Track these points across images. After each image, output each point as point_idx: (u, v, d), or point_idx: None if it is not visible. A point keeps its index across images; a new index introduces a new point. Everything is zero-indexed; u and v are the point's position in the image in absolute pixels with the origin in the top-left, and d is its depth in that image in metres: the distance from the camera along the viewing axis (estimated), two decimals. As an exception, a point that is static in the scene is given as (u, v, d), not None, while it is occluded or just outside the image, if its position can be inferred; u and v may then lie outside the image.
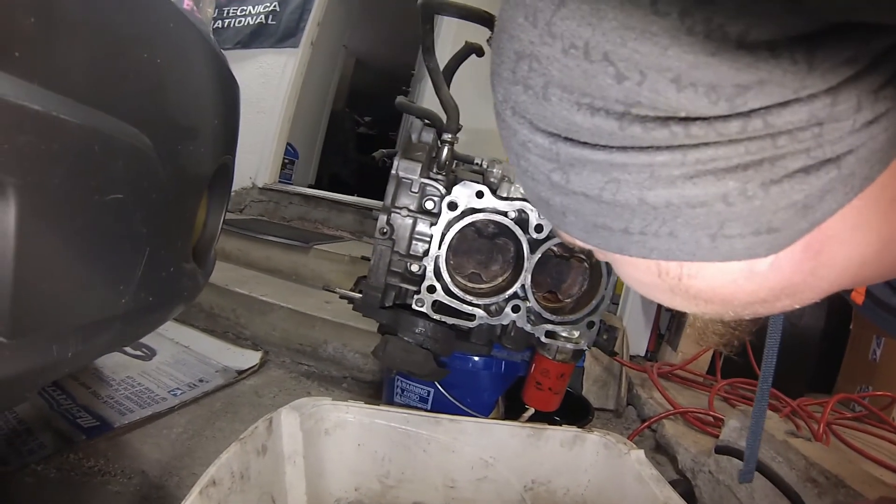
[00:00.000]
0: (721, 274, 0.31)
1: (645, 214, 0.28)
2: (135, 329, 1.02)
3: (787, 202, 0.26)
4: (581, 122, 0.26)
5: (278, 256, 3.02)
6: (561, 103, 0.27)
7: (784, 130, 0.24)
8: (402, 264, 1.03)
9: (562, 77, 0.26)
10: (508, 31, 0.29)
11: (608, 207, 0.29)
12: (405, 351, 1.03)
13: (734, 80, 0.23)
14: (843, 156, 0.25)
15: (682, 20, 0.22)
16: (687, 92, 0.23)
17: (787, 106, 0.23)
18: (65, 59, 0.66)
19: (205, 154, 1.08)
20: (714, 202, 0.26)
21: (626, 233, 0.29)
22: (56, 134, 0.63)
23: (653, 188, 0.26)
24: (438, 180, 1.01)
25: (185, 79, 1.00)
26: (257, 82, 4.16)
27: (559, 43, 0.26)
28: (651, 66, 0.23)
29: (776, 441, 1.50)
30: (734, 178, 0.25)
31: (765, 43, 0.22)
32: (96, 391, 1.75)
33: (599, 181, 0.28)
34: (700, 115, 0.24)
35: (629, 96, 0.25)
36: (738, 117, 0.24)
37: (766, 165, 0.25)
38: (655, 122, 0.25)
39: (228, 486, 0.88)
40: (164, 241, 0.96)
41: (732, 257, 0.29)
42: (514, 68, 0.29)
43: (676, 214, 0.27)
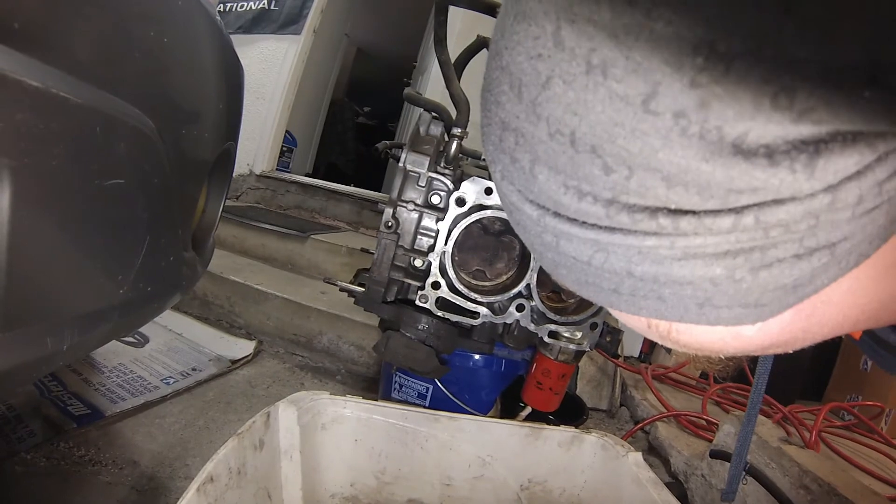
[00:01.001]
0: (709, 333, 0.31)
1: (633, 281, 0.27)
2: (132, 319, 1.00)
3: (776, 284, 0.25)
4: (568, 203, 0.26)
5: (274, 245, 3.01)
6: (548, 182, 0.26)
7: (777, 225, 0.23)
8: (405, 259, 1.01)
9: (548, 158, 0.25)
10: (494, 94, 0.28)
11: (597, 272, 0.28)
12: (407, 347, 1.01)
13: (728, 186, 0.22)
14: (838, 242, 0.24)
15: (675, 121, 0.21)
16: (677, 189, 0.22)
17: (782, 205, 0.22)
18: (68, 33, 0.63)
19: (208, 139, 1.06)
20: (701, 282, 0.26)
21: (615, 292, 0.29)
22: (56, 113, 0.60)
23: (641, 264, 0.26)
24: (446, 175, 0.99)
25: (192, 60, 0.98)
26: (258, 68, 4.12)
27: (545, 125, 0.25)
28: (641, 164, 0.22)
29: (770, 447, 1.51)
30: (722, 265, 0.25)
31: (763, 148, 0.20)
32: (88, 378, 1.73)
33: (588, 251, 0.27)
34: (690, 209, 0.23)
35: (616, 187, 0.24)
36: (729, 213, 0.23)
37: (757, 254, 0.24)
38: (643, 213, 0.24)
39: (226, 482, 0.86)
40: (165, 229, 0.93)
41: (719, 323, 0.29)
42: (500, 136, 0.28)
43: (664, 287, 0.27)
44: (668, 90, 0.20)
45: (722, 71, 0.19)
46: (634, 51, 0.20)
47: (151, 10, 0.82)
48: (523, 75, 0.25)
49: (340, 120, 6.14)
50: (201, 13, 1.00)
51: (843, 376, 2.94)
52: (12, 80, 0.54)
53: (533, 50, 0.24)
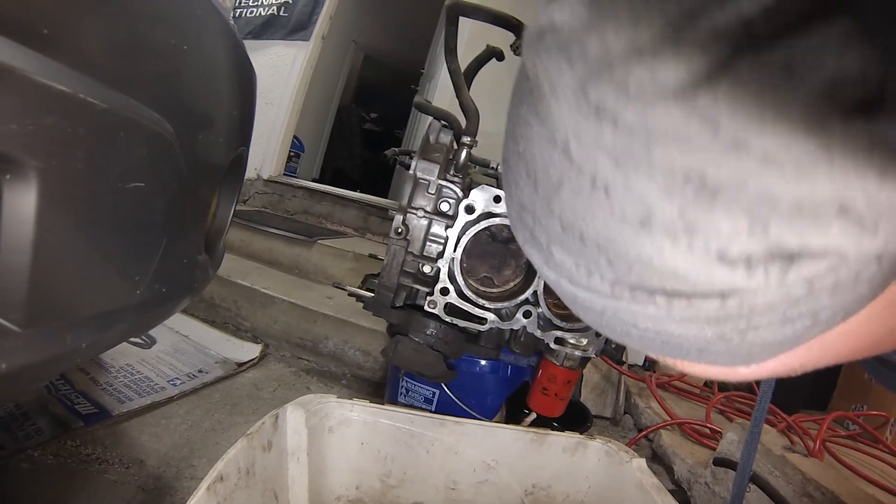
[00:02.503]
0: (710, 369, 0.33)
1: (640, 331, 0.30)
2: (146, 320, 1.02)
3: (764, 343, 0.28)
4: (579, 277, 0.29)
5: (281, 249, 3.02)
6: (562, 258, 0.29)
7: (759, 306, 0.25)
8: (415, 265, 1.02)
9: (561, 243, 0.28)
10: (513, 174, 0.31)
11: (609, 321, 0.31)
12: (416, 352, 1.02)
13: (712, 285, 0.24)
14: (820, 311, 0.26)
15: (667, 236, 0.23)
16: (670, 280, 0.25)
17: (762, 295, 0.24)
18: (93, 39, 0.65)
19: (223, 144, 1.07)
20: (694, 339, 0.28)
21: (626, 335, 0.31)
22: (82, 117, 0.62)
23: (643, 323, 0.28)
24: (455, 182, 1.01)
25: (209, 67, 0.99)
26: (267, 73, 4.14)
27: (557, 221, 0.28)
28: (638, 263, 0.25)
29: (773, 455, 1.51)
30: (712, 329, 0.27)
31: (743, 258, 0.23)
32: (95, 377, 1.74)
33: (599, 307, 0.30)
34: (682, 293, 0.25)
35: (618, 274, 0.27)
36: (715, 297, 0.25)
37: (743, 321, 0.26)
38: (643, 292, 0.26)
39: (235, 481, 0.88)
40: (180, 232, 0.95)
41: (717, 364, 0.31)
42: (520, 214, 0.31)
43: (665, 338, 0.29)
44: (660, 214, 0.23)
45: (708, 202, 0.22)
46: (632, 177, 0.23)
47: (172, 17, 0.84)
48: (538, 172, 0.28)
49: (347, 126, 6.16)
50: (218, 20, 1.02)
51: (848, 386, 2.94)
52: (42, 85, 0.55)
53: (546, 153, 0.26)
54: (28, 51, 0.55)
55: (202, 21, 0.96)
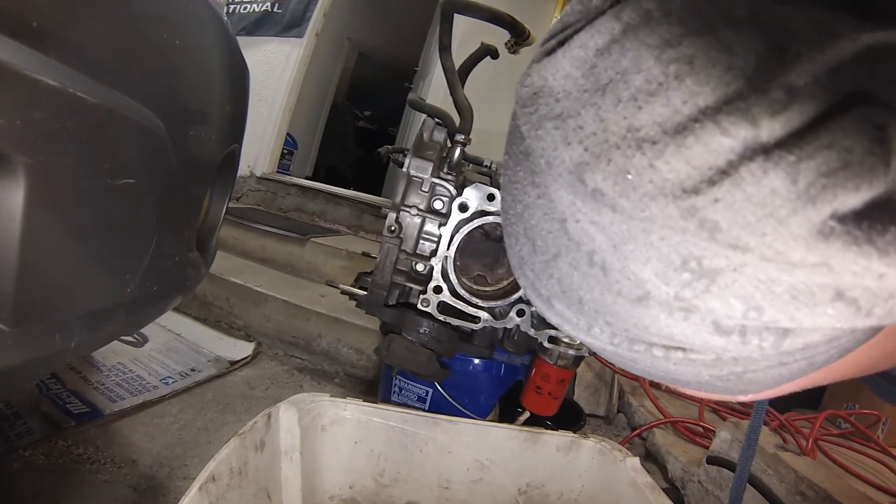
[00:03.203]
0: (711, 396, 0.34)
1: (643, 366, 0.31)
2: (138, 318, 1.01)
3: (761, 382, 0.29)
4: (579, 328, 0.30)
5: (274, 247, 3.01)
6: (562, 311, 0.29)
7: (754, 355, 0.26)
8: (408, 263, 1.02)
9: (560, 298, 0.29)
10: (512, 228, 0.31)
11: (611, 355, 0.31)
12: (409, 351, 1.02)
13: (708, 348, 0.25)
14: (815, 355, 0.26)
15: (663, 310, 0.24)
16: (665, 340, 0.26)
17: (757, 358, 0.26)
18: (84, 34, 0.64)
19: (215, 141, 1.06)
20: (698, 376, 0.29)
21: (630, 365, 0.32)
22: (72, 112, 0.61)
23: (645, 363, 0.29)
24: (448, 181, 1.00)
25: (201, 63, 0.98)
26: (260, 70, 4.12)
27: (556, 283, 0.28)
28: (635, 326, 0.26)
29: (766, 454, 1.52)
30: (710, 373, 0.28)
31: (737, 328, 0.24)
32: (86, 376, 1.73)
33: (597, 347, 0.31)
34: (679, 348, 0.26)
35: (616, 333, 0.28)
36: (711, 352, 0.26)
37: (740, 366, 0.27)
38: (641, 344, 0.27)
39: (227, 481, 0.87)
40: (172, 230, 0.94)
41: (717, 393, 0.33)
42: (519, 265, 0.31)
43: (667, 374, 0.30)
44: (657, 294, 0.24)
45: (705, 286, 0.22)
46: (630, 260, 0.23)
47: (164, 12, 0.83)
48: (536, 237, 0.28)
49: (341, 123, 6.14)
50: (211, 15, 1.01)
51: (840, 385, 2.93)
52: (31, 79, 0.55)
53: (543, 223, 0.27)
54: (17, 44, 0.54)
55: (195, 16, 0.95)
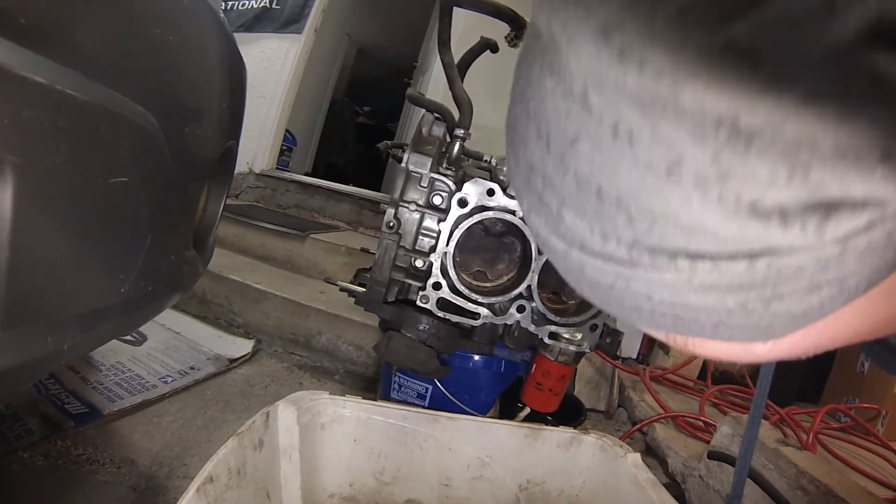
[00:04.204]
0: (723, 348, 0.33)
1: (653, 305, 0.29)
2: (134, 318, 1.00)
3: (786, 313, 0.27)
4: (592, 242, 0.27)
5: (273, 244, 3.00)
6: (574, 223, 0.27)
7: (788, 269, 0.24)
8: (407, 259, 1.01)
9: (574, 205, 0.27)
10: (521, 136, 0.29)
11: (619, 295, 0.29)
12: (409, 348, 1.01)
13: (742, 240, 0.23)
14: (846, 277, 0.25)
15: (696, 186, 0.22)
16: (695, 239, 0.24)
17: (794, 255, 0.23)
18: (74, 30, 0.63)
19: (211, 138, 1.06)
20: (715, 311, 0.27)
21: (636, 310, 0.30)
22: (62, 110, 0.60)
23: (660, 293, 0.27)
24: (448, 176, 0.99)
25: (197, 59, 0.98)
26: (259, 67, 4.11)
27: (572, 178, 0.26)
28: (662, 218, 0.24)
29: (767, 449, 1.51)
30: (735, 298, 0.26)
31: (777, 210, 0.22)
32: (85, 376, 1.72)
33: (610, 279, 0.28)
34: (707, 254, 0.24)
35: (638, 234, 0.25)
36: (743, 259, 0.24)
37: (769, 289, 0.25)
38: (663, 254, 0.25)
39: (225, 482, 0.86)
40: (168, 228, 0.93)
41: (733, 340, 0.30)
42: (528, 177, 0.29)
43: (682, 310, 0.28)
44: (690, 161, 0.22)
45: (743, 146, 0.20)
46: (660, 122, 0.21)
47: (158, 8, 0.82)
48: (551, 128, 0.26)
49: (340, 119, 6.12)
50: (206, 12, 1.00)
51: (841, 379, 2.95)
52: (18, 77, 0.54)
53: (561, 107, 0.25)
54: (4, 41, 0.53)
55: (190, 13, 0.94)
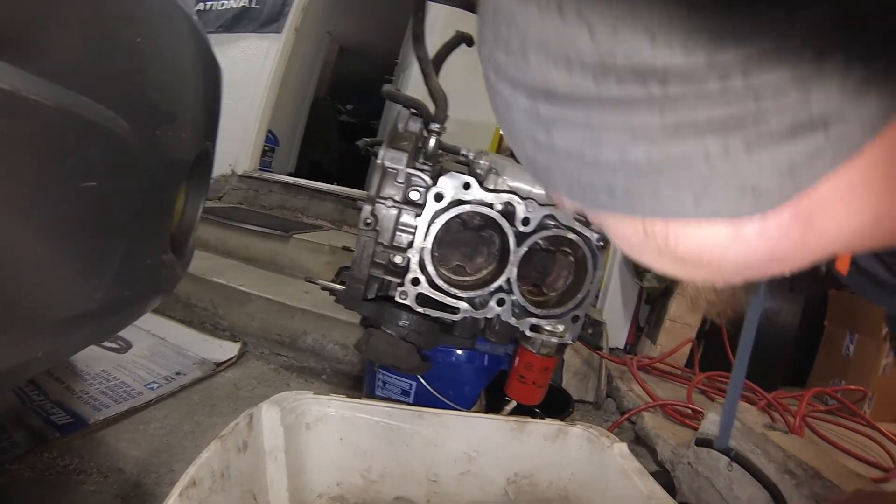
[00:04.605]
0: (707, 237, 0.31)
1: (627, 172, 0.28)
2: (111, 323, 0.99)
3: (771, 164, 0.26)
4: (558, 80, 0.27)
5: (257, 245, 2.99)
6: (539, 62, 0.27)
7: (766, 90, 0.23)
8: (385, 256, 1.01)
9: (538, 36, 0.26)
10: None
11: (591, 166, 0.29)
12: (389, 344, 1.01)
13: (710, 33, 0.22)
14: (830, 120, 0.24)
15: None
16: (661, 47, 0.23)
17: (767, 62, 0.23)
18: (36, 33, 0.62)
19: (185, 140, 1.05)
20: (695, 161, 0.26)
21: (609, 191, 0.29)
22: (25, 116, 0.60)
23: (633, 145, 0.26)
24: (424, 171, 0.99)
25: (167, 61, 0.97)
26: (239, 67, 4.08)
27: (534, 3, 0.26)
28: (624, 21, 0.23)
29: (754, 433, 1.52)
30: (715, 137, 0.25)
31: None
32: (70, 386, 1.71)
33: (580, 139, 0.28)
34: (677, 71, 0.24)
35: (604, 53, 0.24)
36: (716, 74, 0.23)
37: (749, 125, 0.24)
38: (632, 79, 0.24)
39: (209, 485, 0.86)
40: (143, 231, 0.92)
41: (717, 216, 0.29)
42: (494, 29, 0.29)
43: (658, 172, 0.27)
44: None
45: None
46: None
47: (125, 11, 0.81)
48: None
49: (323, 118, 6.10)
50: (177, 13, 0.99)
51: (827, 362, 2.98)
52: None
53: None
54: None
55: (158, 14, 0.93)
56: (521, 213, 0.96)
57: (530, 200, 0.96)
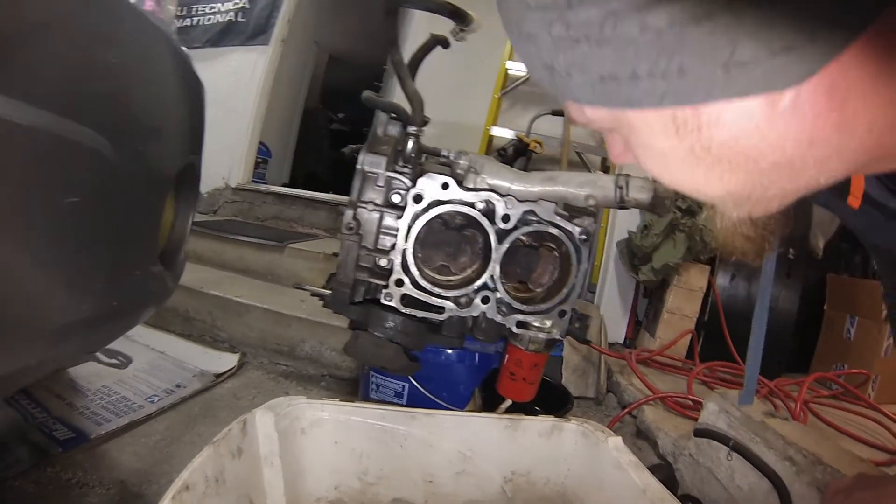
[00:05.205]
0: (742, 118, 0.30)
1: (649, 49, 0.27)
2: (103, 334, 1.01)
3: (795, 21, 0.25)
4: None
5: (252, 256, 3.01)
6: None
7: None
8: (370, 259, 1.02)
9: None
10: None
11: (612, 50, 0.28)
12: (376, 346, 1.02)
13: None
14: None
15: None
16: None
17: None
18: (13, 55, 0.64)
19: (169, 154, 1.06)
20: (720, 14, 0.25)
21: (634, 79, 0.28)
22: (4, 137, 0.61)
23: (652, 9, 0.26)
24: (405, 173, 1.00)
25: (147, 79, 0.99)
26: (228, 81, 4.11)
27: None
28: None
29: (754, 422, 1.52)
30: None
31: None
32: (72, 402, 1.72)
33: (598, 17, 0.27)
34: None
35: None
36: None
37: None
38: None
39: (203, 490, 0.87)
40: (129, 245, 0.94)
41: (750, 90, 0.28)
42: None
43: (682, 41, 0.26)
44: None
45: None
46: None
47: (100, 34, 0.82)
48: None
49: (315, 128, 6.11)
50: (154, 33, 1.01)
51: (828, 347, 2.98)
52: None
53: None
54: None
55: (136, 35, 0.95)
56: (501, 210, 0.97)
57: (509, 197, 0.97)
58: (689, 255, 2.71)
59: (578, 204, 1.03)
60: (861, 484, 1.04)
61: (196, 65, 1.23)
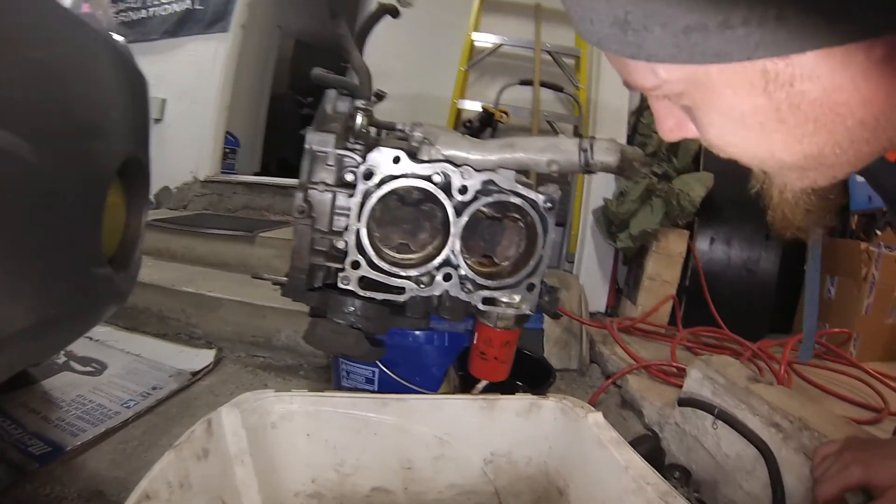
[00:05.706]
0: (839, 70, 0.27)
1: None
2: (47, 343, 0.96)
3: None
4: None
5: (223, 249, 2.97)
6: None
7: None
8: (325, 242, 0.97)
9: None
10: None
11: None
12: (335, 333, 0.97)
13: None
14: None
15: None
16: None
17: None
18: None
19: (104, 151, 1.01)
20: None
21: (724, 27, 0.25)
22: None
23: None
24: (356, 150, 0.95)
25: (75, 76, 0.94)
26: (189, 72, 4.01)
27: None
28: None
29: (738, 388, 1.50)
30: None
31: None
32: (46, 415, 1.69)
33: None
34: None
35: None
36: None
37: None
38: None
39: (167, 497, 0.84)
40: (63, 248, 0.89)
41: (853, 37, 0.25)
42: None
43: None
44: None
45: None
46: None
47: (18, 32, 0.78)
48: None
49: (283, 114, 6.03)
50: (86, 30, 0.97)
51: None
52: None
53: None
54: None
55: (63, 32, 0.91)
56: (458, 182, 0.92)
57: (466, 167, 0.93)
58: (667, 221, 2.69)
59: (541, 170, 0.99)
60: (850, 446, 1.03)
61: (154, 57, 1.21)
